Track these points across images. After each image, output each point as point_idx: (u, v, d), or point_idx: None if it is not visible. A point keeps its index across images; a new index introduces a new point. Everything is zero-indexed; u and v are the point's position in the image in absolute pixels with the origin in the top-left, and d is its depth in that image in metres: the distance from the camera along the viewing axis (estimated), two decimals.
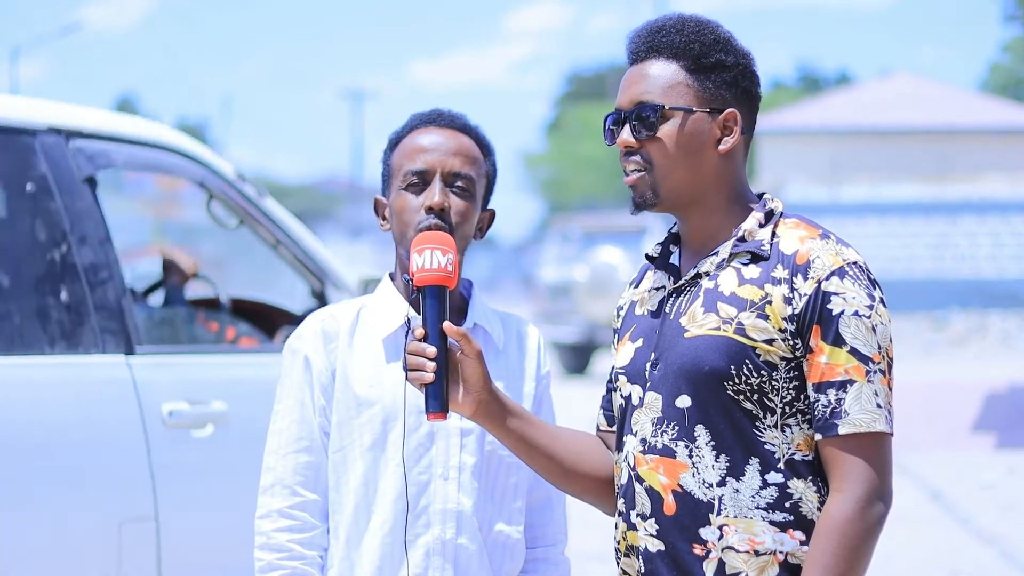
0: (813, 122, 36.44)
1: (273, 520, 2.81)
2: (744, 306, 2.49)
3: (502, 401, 2.62)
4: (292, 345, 2.90)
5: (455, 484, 2.83)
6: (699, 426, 2.49)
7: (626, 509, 2.58)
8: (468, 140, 2.90)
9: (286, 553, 2.79)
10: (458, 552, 2.82)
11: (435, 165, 2.85)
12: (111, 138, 4.53)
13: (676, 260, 2.63)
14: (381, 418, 2.81)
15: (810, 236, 2.52)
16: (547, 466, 2.66)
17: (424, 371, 2.55)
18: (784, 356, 2.47)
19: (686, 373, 2.50)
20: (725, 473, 2.48)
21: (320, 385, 2.85)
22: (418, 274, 2.60)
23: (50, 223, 4.25)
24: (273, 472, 2.84)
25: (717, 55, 2.55)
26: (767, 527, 2.47)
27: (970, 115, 36.36)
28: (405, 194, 2.86)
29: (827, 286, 2.46)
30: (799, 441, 2.49)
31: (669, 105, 2.54)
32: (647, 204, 2.57)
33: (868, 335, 2.45)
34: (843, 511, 2.42)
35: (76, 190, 4.31)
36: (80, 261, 4.24)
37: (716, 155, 2.55)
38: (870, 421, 2.43)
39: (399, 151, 2.91)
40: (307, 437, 2.84)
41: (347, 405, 2.83)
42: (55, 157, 4.29)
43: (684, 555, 2.50)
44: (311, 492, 2.83)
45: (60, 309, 4.18)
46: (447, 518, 2.82)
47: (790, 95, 53.33)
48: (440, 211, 2.82)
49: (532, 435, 2.64)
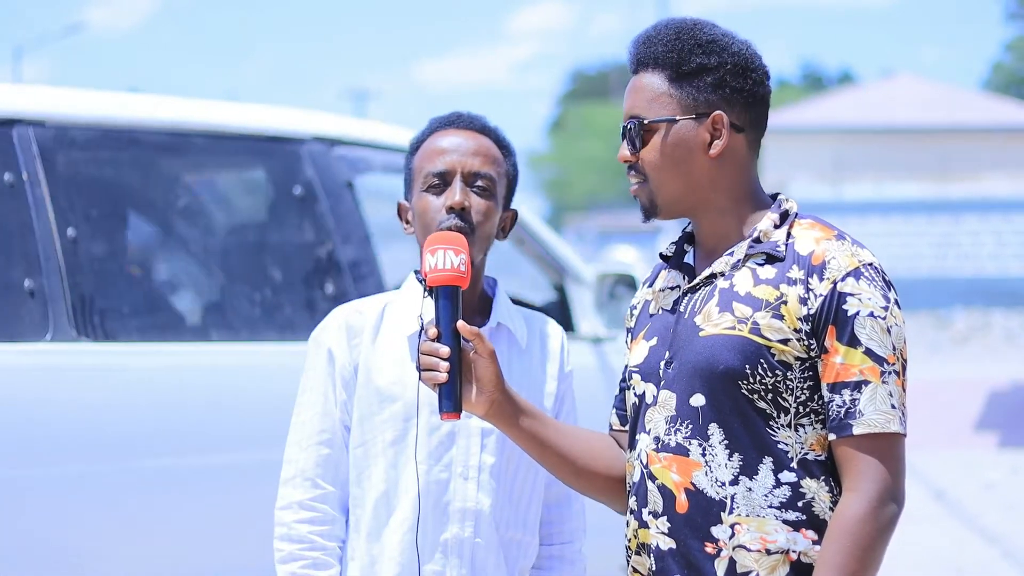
0: (816, 121, 36.42)
1: (294, 512, 2.84)
2: (759, 306, 2.50)
3: (515, 401, 2.63)
4: (317, 337, 2.91)
5: (475, 483, 2.85)
6: (713, 425, 2.50)
7: (638, 507, 2.59)
8: (487, 141, 2.92)
9: (307, 544, 2.82)
10: (475, 551, 2.84)
11: (455, 165, 2.87)
12: (369, 145, 5.00)
13: (690, 260, 2.65)
14: (403, 415, 2.83)
15: (825, 237, 2.53)
16: (559, 465, 2.68)
17: (437, 371, 2.56)
18: (799, 356, 2.48)
19: (700, 372, 2.51)
20: (738, 472, 2.49)
21: (342, 379, 2.87)
22: (431, 274, 2.62)
23: (317, 224, 4.74)
24: (295, 464, 2.86)
25: (698, 60, 2.55)
26: (780, 526, 2.48)
27: (973, 114, 36.34)
28: (426, 196, 2.88)
29: (843, 287, 2.47)
30: (812, 441, 2.50)
31: (650, 119, 2.56)
32: (651, 214, 2.60)
33: (883, 336, 2.46)
34: (856, 511, 2.43)
35: (339, 193, 4.78)
36: (344, 258, 4.70)
37: (707, 159, 2.56)
38: (884, 422, 2.45)
39: (420, 155, 2.93)
40: (329, 430, 2.86)
41: (369, 401, 2.85)
42: (320, 163, 4.76)
43: (695, 553, 2.51)
44: (331, 485, 2.85)
45: (328, 301, 4.54)
46: (466, 517, 2.84)
47: (793, 94, 53.32)
48: (461, 210, 2.83)
49: (545, 435, 2.65)
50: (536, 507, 2.94)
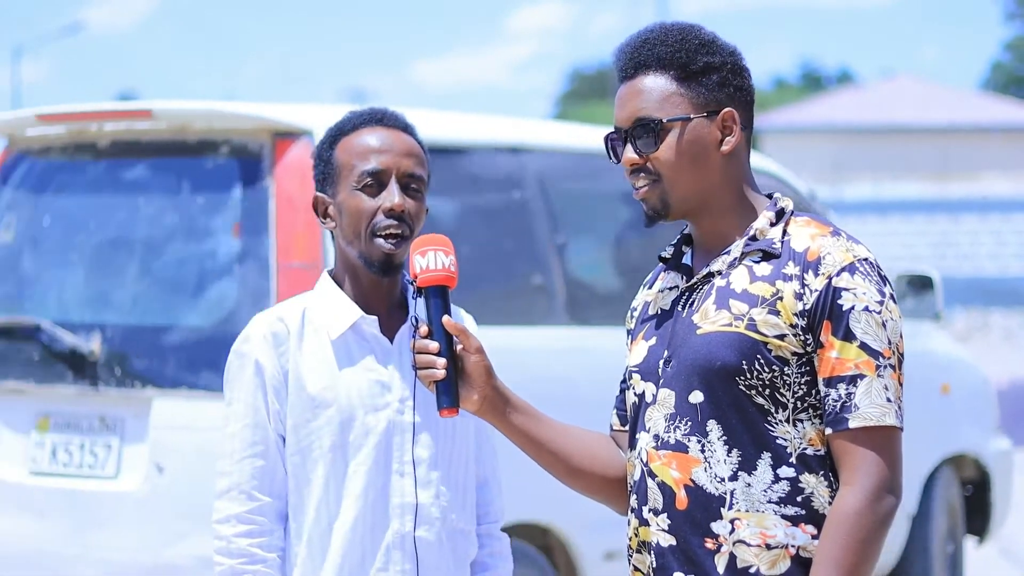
0: (815, 120, 36.43)
1: (232, 525, 2.82)
2: (755, 302, 2.51)
3: (508, 397, 2.65)
4: (240, 349, 2.88)
5: (411, 479, 2.85)
6: (711, 421, 2.52)
7: (638, 505, 2.60)
8: (413, 141, 2.93)
9: (247, 558, 2.81)
10: (417, 544, 2.84)
11: (390, 166, 2.86)
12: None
13: (688, 260, 2.66)
14: (338, 419, 2.83)
15: (821, 233, 2.55)
16: (553, 463, 2.69)
17: (434, 368, 2.58)
18: (795, 351, 2.49)
19: (698, 369, 2.52)
20: (737, 467, 2.50)
21: (273, 388, 2.85)
22: (422, 275, 2.64)
23: None
24: (229, 477, 2.84)
25: (704, 58, 2.57)
26: (779, 521, 2.49)
27: (972, 113, 36.35)
28: (360, 194, 2.86)
29: (837, 282, 2.48)
30: (811, 436, 2.51)
31: (667, 118, 2.56)
32: (660, 215, 2.60)
33: (878, 330, 2.48)
34: (853, 504, 2.44)
35: None
36: None
37: (720, 156, 2.58)
38: (880, 415, 2.46)
39: (345, 149, 2.90)
40: (261, 441, 2.84)
41: (302, 408, 2.84)
42: None
43: (696, 549, 2.52)
44: (267, 495, 2.84)
45: None
46: (406, 512, 2.84)
47: (792, 93, 53.31)
48: (400, 213, 2.84)
49: (538, 431, 2.67)
50: (472, 493, 2.96)
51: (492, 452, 3.02)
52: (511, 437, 2.67)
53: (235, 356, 2.89)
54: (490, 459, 3.02)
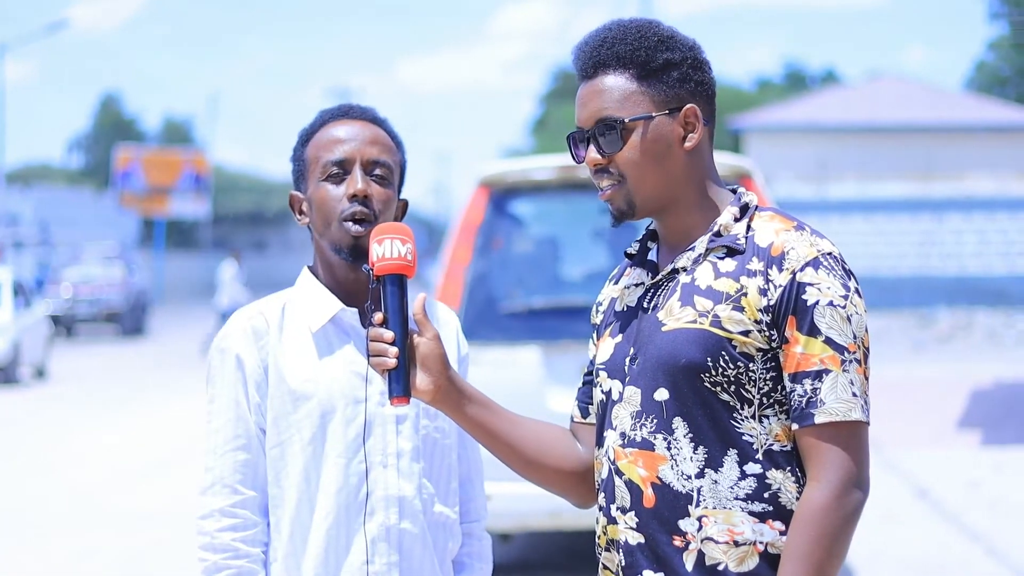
0: (799, 120, 36.43)
1: (216, 520, 2.83)
2: (720, 299, 2.50)
3: (462, 388, 2.63)
4: (220, 345, 2.90)
5: (394, 471, 2.86)
6: (677, 418, 2.50)
7: (606, 503, 2.59)
8: (381, 131, 2.94)
9: (231, 552, 2.82)
10: (402, 536, 2.85)
11: (354, 154, 2.89)
12: None
13: (654, 256, 2.65)
14: (319, 412, 2.84)
15: (785, 228, 2.53)
16: (509, 455, 2.67)
17: (386, 356, 2.57)
18: (760, 347, 2.48)
19: (663, 366, 2.51)
20: (703, 465, 2.49)
21: (254, 382, 2.86)
22: (379, 263, 2.64)
23: None
24: (213, 472, 2.86)
25: (664, 55, 2.56)
26: (746, 518, 2.48)
27: (956, 113, 36.38)
28: (325, 185, 2.89)
29: (802, 277, 2.47)
30: (777, 432, 2.49)
31: (629, 117, 2.55)
32: (626, 216, 2.59)
33: (843, 325, 2.46)
34: (820, 500, 2.43)
35: None
36: None
37: (683, 153, 2.57)
38: (846, 410, 2.45)
39: (314, 145, 2.93)
40: (244, 435, 2.86)
41: (282, 401, 2.86)
42: None
43: (664, 547, 2.51)
44: (250, 489, 2.85)
45: None
46: (389, 504, 2.85)
47: (777, 93, 53.38)
48: (364, 198, 2.85)
49: (493, 423, 2.65)
50: (455, 484, 2.96)
51: (475, 449, 3.02)
52: (466, 428, 2.65)
53: (216, 352, 2.91)
54: (473, 456, 3.02)
